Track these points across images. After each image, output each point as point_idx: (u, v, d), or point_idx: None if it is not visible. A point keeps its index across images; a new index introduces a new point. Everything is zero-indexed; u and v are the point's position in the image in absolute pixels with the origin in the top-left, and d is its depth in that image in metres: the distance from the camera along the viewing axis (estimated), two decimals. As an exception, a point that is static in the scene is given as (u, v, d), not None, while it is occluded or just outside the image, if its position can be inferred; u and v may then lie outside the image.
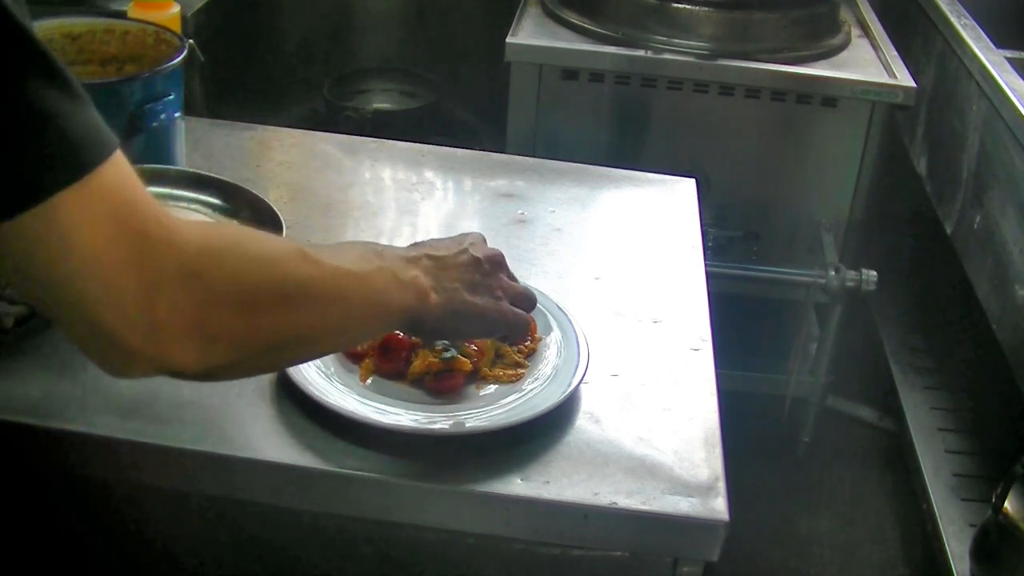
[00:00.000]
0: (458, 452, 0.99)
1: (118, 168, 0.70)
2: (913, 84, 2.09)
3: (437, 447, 0.99)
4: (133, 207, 0.71)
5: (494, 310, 0.96)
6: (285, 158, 1.54)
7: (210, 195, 1.29)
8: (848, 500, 2.40)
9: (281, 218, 1.23)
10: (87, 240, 0.68)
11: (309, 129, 1.66)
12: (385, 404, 1.02)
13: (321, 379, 1.03)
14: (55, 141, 0.67)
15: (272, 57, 2.73)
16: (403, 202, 1.45)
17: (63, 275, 0.69)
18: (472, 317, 0.95)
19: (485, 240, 1.02)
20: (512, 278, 1.02)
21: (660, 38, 2.13)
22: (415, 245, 0.96)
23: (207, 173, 1.32)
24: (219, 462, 0.98)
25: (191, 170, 1.32)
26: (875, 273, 2.15)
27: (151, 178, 1.19)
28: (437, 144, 1.64)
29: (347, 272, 0.85)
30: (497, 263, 0.99)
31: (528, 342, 1.13)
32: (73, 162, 0.67)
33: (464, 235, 1.01)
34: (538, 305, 1.16)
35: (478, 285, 0.96)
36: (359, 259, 0.87)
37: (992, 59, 2.05)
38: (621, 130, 2.18)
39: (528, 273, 1.27)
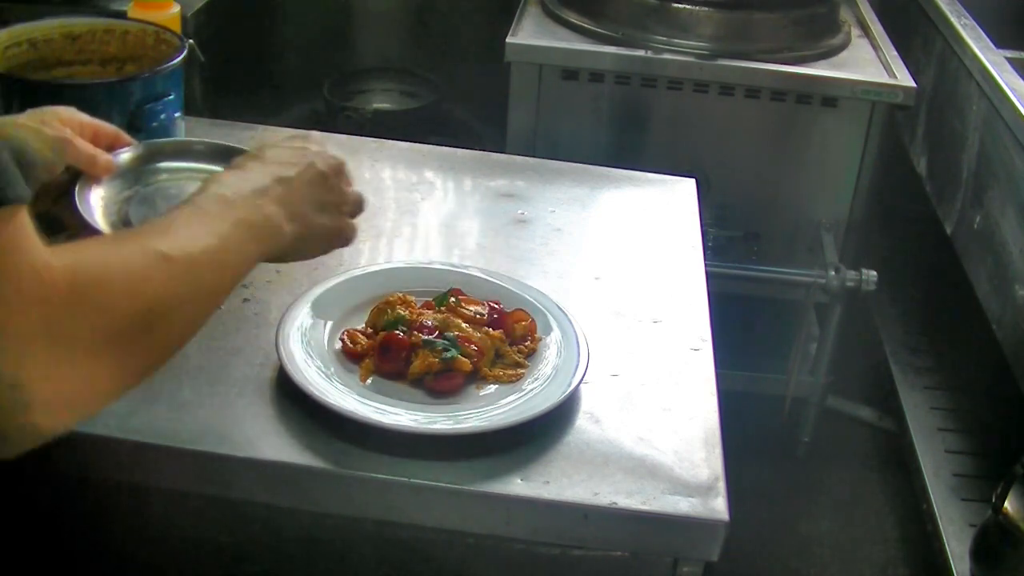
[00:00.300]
0: (458, 452, 0.99)
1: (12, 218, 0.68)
2: (913, 84, 2.10)
3: (437, 447, 0.99)
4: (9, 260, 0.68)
5: (336, 228, 1.00)
6: (285, 158, 1.53)
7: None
8: (848, 500, 2.40)
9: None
10: None
11: (309, 129, 1.65)
12: (385, 404, 1.02)
13: (321, 379, 1.03)
14: None
15: (272, 57, 2.73)
16: (403, 202, 1.45)
17: None
18: (318, 238, 0.99)
19: (324, 144, 1.03)
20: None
21: (660, 38, 2.13)
22: (258, 153, 0.98)
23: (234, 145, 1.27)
24: (219, 462, 0.98)
25: (217, 142, 1.28)
26: (875, 273, 2.15)
27: (173, 152, 1.19)
28: (437, 144, 1.64)
29: (198, 250, 0.84)
30: (339, 172, 1.01)
31: (529, 342, 1.13)
32: None
33: (305, 138, 1.03)
34: (538, 305, 1.17)
35: (326, 204, 0.99)
36: (213, 221, 0.87)
37: (992, 59, 2.05)
38: (621, 130, 2.18)
39: (528, 273, 1.27)
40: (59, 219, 1.06)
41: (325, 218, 0.98)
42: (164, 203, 1.12)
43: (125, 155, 1.14)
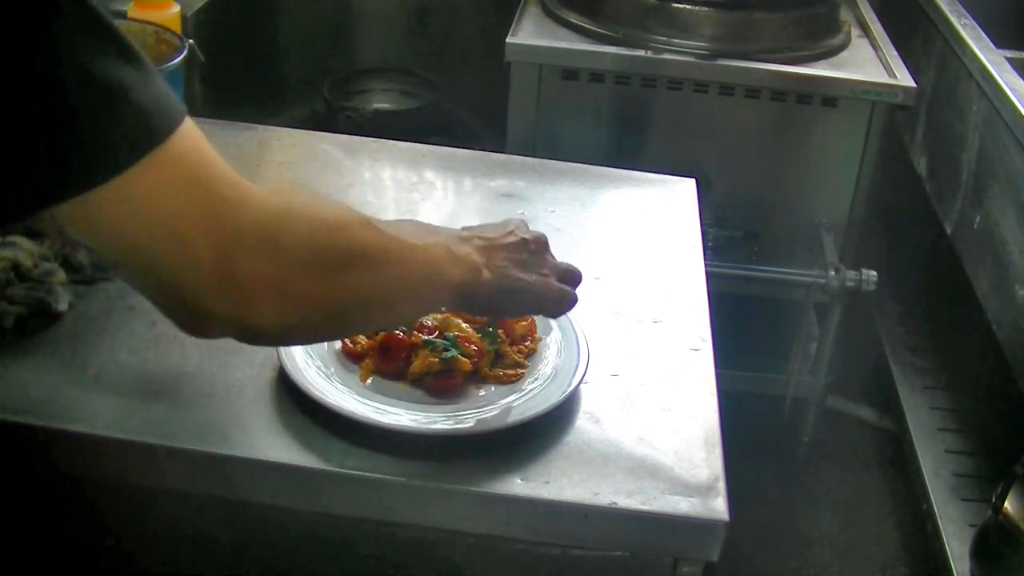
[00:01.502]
0: (458, 452, 0.99)
1: (189, 134, 0.72)
2: (913, 84, 2.09)
3: (437, 447, 0.99)
4: (207, 171, 0.73)
5: (542, 285, 0.99)
6: (285, 158, 1.54)
7: None
8: (848, 500, 2.40)
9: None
10: (165, 207, 0.70)
11: (309, 129, 1.66)
12: (385, 404, 1.02)
13: (321, 379, 1.03)
14: (128, 115, 0.68)
15: (272, 57, 2.73)
16: (403, 202, 1.45)
17: (143, 243, 0.71)
18: (522, 292, 0.98)
19: (527, 225, 1.04)
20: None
21: (660, 38, 2.13)
22: (464, 229, 0.99)
23: None
24: (219, 462, 0.98)
25: None
26: (875, 273, 2.15)
27: None
28: (437, 144, 1.64)
29: (406, 242, 0.88)
30: (542, 243, 1.03)
31: (529, 342, 1.13)
32: (147, 134, 0.69)
33: (508, 220, 1.04)
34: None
35: (526, 263, 0.99)
36: (416, 232, 0.90)
37: (992, 59, 2.05)
38: (621, 130, 2.18)
39: (528, 273, 1.27)
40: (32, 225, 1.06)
41: (526, 275, 0.98)
42: None
43: None
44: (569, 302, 1.03)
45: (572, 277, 1.05)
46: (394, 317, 0.96)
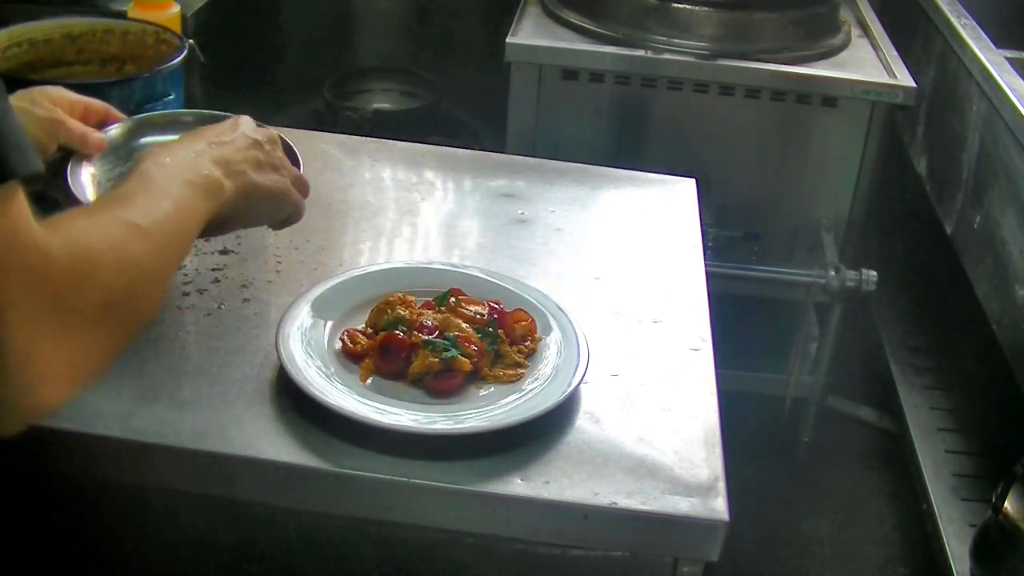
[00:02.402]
0: (458, 452, 0.99)
1: (21, 195, 0.69)
2: (913, 84, 2.10)
3: (437, 447, 0.99)
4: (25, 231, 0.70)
5: (281, 189, 1.01)
6: (285, 158, 1.53)
7: None
8: (848, 500, 2.40)
9: (297, 152, 1.15)
10: None
11: (309, 129, 1.66)
12: (385, 404, 1.02)
13: (321, 379, 1.03)
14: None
15: (272, 57, 2.73)
16: (403, 202, 1.45)
17: None
18: (263, 199, 1.00)
19: (255, 123, 1.05)
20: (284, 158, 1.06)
21: (660, 38, 2.13)
22: (192, 135, 1.00)
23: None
24: (219, 462, 0.98)
25: (205, 111, 1.25)
26: (875, 273, 2.15)
27: (163, 125, 1.18)
28: (437, 144, 1.64)
29: (165, 220, 0.87)
30: (274, 141, 1.04)
31: (529, 342, 1.13)
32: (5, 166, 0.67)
33: (236, 119, 1.05)
34: (538, 305, 1.17)
35: (263, 164, 1.00)
36: (163, 186, 0.89)
37: (992, 59, 2.05)
38: (621, 130, 2.18)
39: (528, 273, 1.27)
40: (52, 199, 1.07)
41: (265, 178, 1.00)
42: None
43: (115, 130, 1.14)
44: (302, 209, 1.04)
45: (303, 185, 1.05)
46: (169, 281, 0.94)
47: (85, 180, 1.08)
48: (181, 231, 0.90)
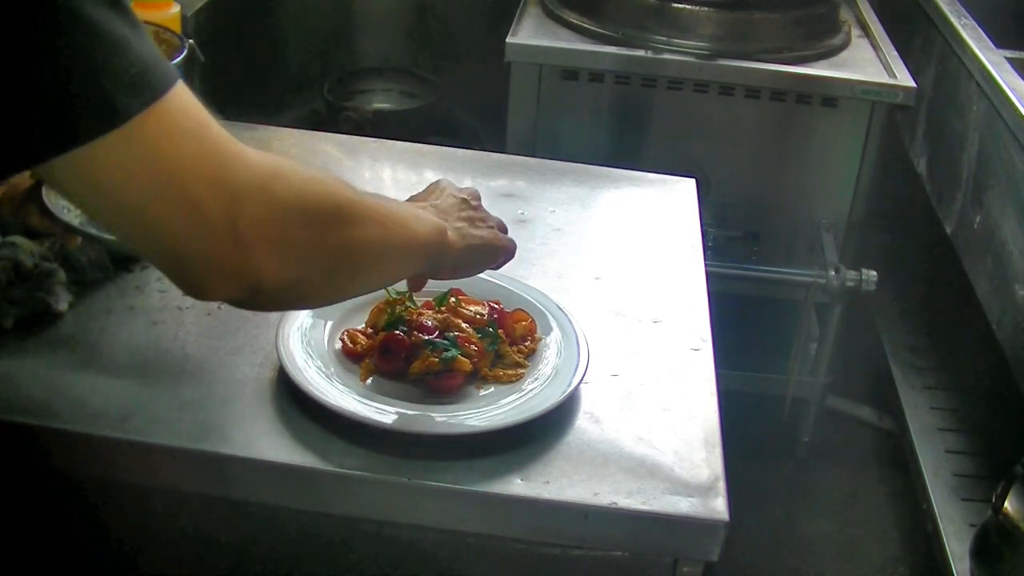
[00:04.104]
0: (458, 452, 0.99)
1: (185, 92, 0.73)
2: (913, 84, 2.09)
3: (437, 447, 0.99)
4: (205, 126, 0.74)
5: (495, 240, 1.06)
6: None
7: None
8: (848, 500, 2.40)
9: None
10: (167, 158, 0.70)
11: (309, 129, 1.66)
12: (385, 404, 1.02)
13: (321, 379, 1.03)
14: (132, 65, 0.68)
15: (272, 57, 2.73)
16: (403, 202, 1.44)
17: (149, 196, 0.71)
18: (482, 249, 1.03)
19: (454, 183, 1.08)
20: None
21: (660, 38, 2.13)
22: (399, 204, 1.01)
23: None
24: (219, 462, 0.98)
25: None
26: (875, 273, 2.15)
27: None
28: (437, 144, 1.64)
29: (379, 204, 0.90)
30: (476, 196, 1.07)
31: (529, 342, 1.13)
32: (149, 85, 0.69)
33: (435, 183, 1.08)
34: (538, 305, 1.17)
35: (475, 220, 1.04)
36: (382, 198, 0.93)
37: (992, 59, 2.05)
38: (621, 130, 2.18)
39: (528, 273, 1.27)
40: (25, 224, 1.07)
41: (481, 232, 1.03)
42: None
43: None
44: (513, 251, 1.09)
45: (505, 228, 1.10)
46: (376, 277, 0.96)
47: (61, 206, 1.07)
48: (393, 223, 0.90)
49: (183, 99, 0.72)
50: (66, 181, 0.70)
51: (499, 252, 1.07)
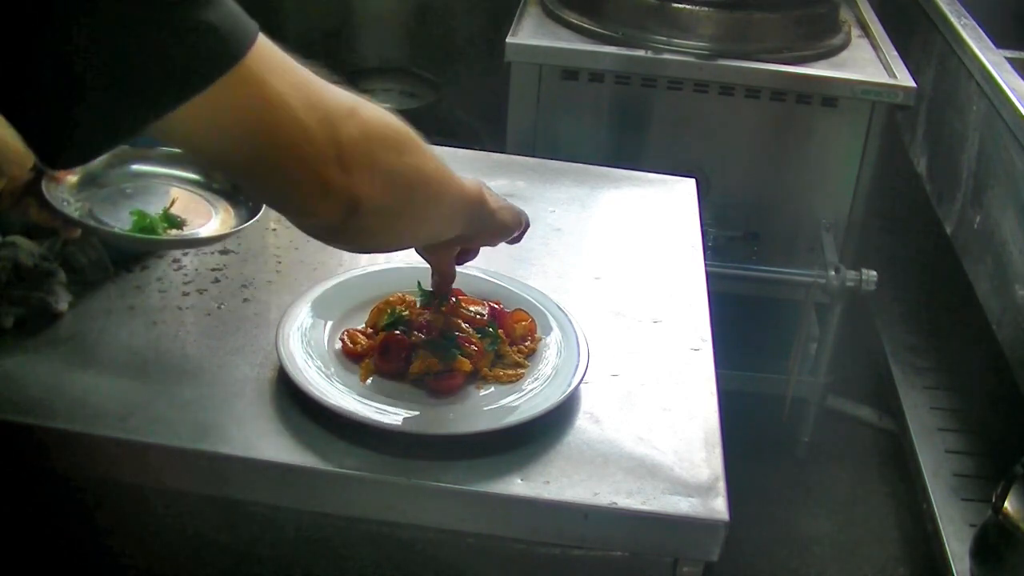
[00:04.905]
0: (458, 452, 0.99)
1: (267, 40, 0.80)
2: (913, 84, 2.09)
3: (437, 447, 0.99)
4: (292, 60, 0.82)
5: (516, 208, 1.11)
6: (285, 158, 1.53)
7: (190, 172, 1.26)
8: (848, 500, 2.40)
9: None
10: (277, 87, 0.78)
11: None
12: (385, 404, 1.02)
13: (321, 379, 1.03)
14: (230, 11, 0.76)
15: (272, 57, 2.73)
16: (403, 202, 1.44)
17: (263, 126, 0.77)
18: (511, 213, 1.09)
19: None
20: None
21: (660, 38, 2.13)
22: None
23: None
24: (219, 462, 0.98)
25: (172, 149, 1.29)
26: (875, 273, 2.15)
27: (134, 158, 1.19)
28: (437, 144, 1.63)
29: (449, 173, 0.97)
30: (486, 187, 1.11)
31: (529, 342, 1.13)
32: (247, 27, 0.77)
33: None
34: (538, 305, 1.17)
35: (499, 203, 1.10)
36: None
37: (992, 59, 2.05)
38: (621, 130, 2.18)
39: (528, 273, 1.27)
40: (24, 217, 1.07)
41: (507, 205, 1.10)
42: (127, 204, 1.13)
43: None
44: (528, 223, 1.14)
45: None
46: (437, 218, 0.99)
47: (61, 201, 1.07)
48: (446, 171, 0.96)
49: (265, 40, 0.79)
50: (183, 128, 0.75)
51: (521, 220, 1.11)
